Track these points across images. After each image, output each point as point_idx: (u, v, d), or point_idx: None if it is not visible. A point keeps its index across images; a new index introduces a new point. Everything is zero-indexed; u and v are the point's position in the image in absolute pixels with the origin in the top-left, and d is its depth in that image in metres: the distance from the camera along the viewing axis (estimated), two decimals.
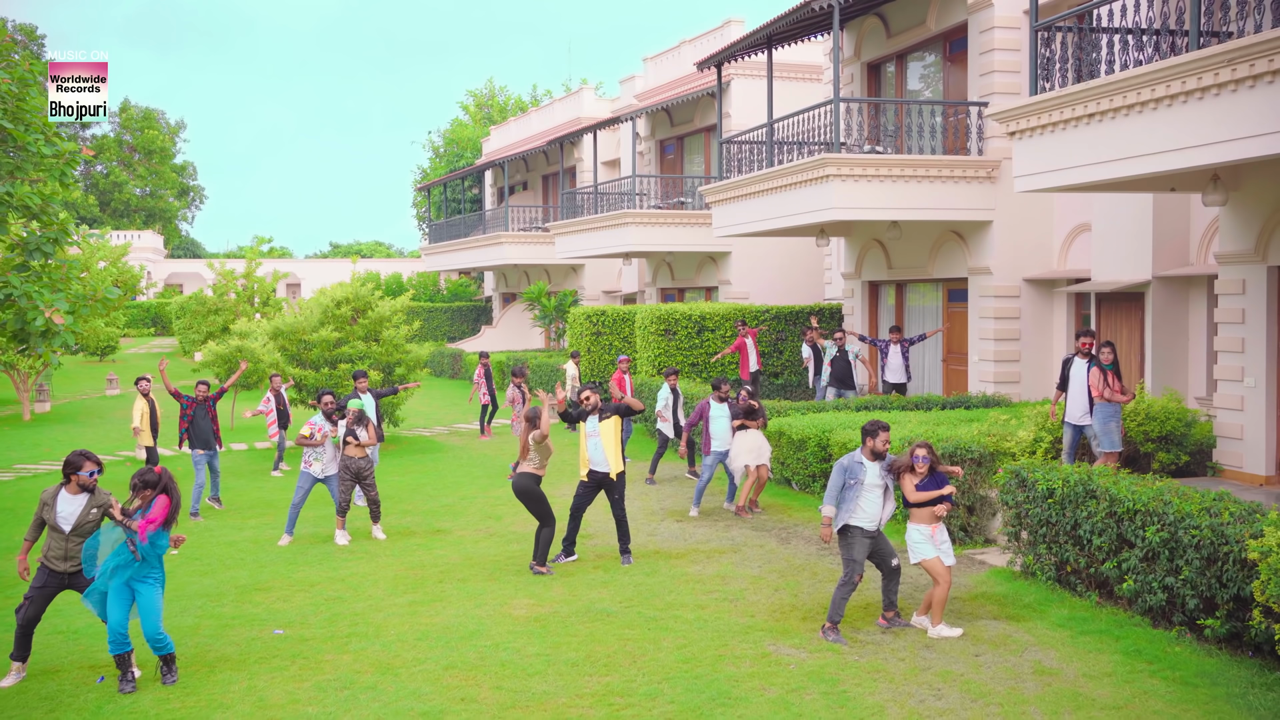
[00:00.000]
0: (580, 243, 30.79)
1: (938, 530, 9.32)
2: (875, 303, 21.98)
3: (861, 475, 9.30)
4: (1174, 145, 10.71)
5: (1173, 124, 10.68)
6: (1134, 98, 10.98)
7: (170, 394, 15.40)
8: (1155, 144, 10.95)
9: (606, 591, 10.80)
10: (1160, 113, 10.77)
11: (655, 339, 22.33)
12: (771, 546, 12.60)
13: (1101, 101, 11.46)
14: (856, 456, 9.42)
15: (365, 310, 20.73)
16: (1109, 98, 11.34)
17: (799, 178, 18.31)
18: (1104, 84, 11.34)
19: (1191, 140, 10.50)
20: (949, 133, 18.35)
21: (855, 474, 9.33)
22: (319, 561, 12.33)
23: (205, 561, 12.35)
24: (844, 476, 9.36)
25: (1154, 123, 10.91)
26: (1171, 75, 10.44)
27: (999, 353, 18.05)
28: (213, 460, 15.28)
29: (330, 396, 13.54)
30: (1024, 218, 18.03)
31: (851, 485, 9.34)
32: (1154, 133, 10.93)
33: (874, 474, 9.36)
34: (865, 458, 9.38)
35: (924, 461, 9.25)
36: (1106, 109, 11.43)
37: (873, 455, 9.37)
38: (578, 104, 39.25)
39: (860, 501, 9.32)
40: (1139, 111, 11.04)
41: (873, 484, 9.34)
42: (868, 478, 9.32)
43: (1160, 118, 10.82)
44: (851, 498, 9.33)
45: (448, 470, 18.70)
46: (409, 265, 62.27)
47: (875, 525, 9.37)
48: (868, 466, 9.36)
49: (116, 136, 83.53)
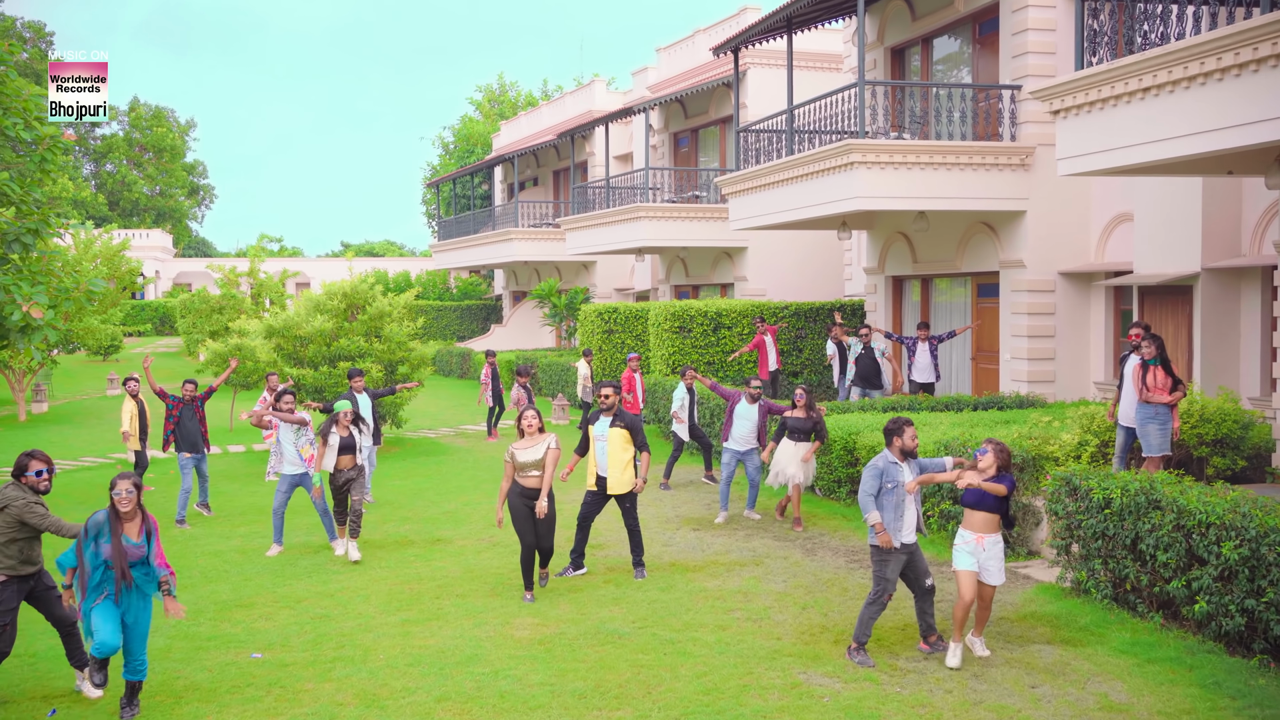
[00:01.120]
0: (591, 238, 29.89)
1: (987, 542, 8.35)
2: (899, 299, 21.01)
3: (899, 476, 8.39)
4: (1238, 120, 9.76)
5: (1237, 97, 9.72)
6: (1195, 68, 10.02)
7: (155, 394, 14.55)
8: (1217, 120, 9.99)
9: (618, 610, 9.89)
10: (1226, 84, 9.81)
11: (669, 337, 21.41)
12: (796, 558, 11.67)
13: (1158, 74, 10.49)
14: (889, 456, 8.51)
15: (364, 306, 19.84)
16: (1166, 69, 10.37)
17: (821, 166, 17.37)
18: (1160, 54, 10.38)
19: (1258, 114, 9.54)
20: (980, 118, 17.38)
21: (892, 475, 8.41)
22: (309, 574, 11.44)
23: (186, 574, 11.46)
24: (879, 479, 8.45)
25: (1216, 96, 9.95)
26: (1238, 42, 9.48)
27: (1033, 350, 17.07)
28: (201, 464, 14.41)
29: (290, 396, 12.65)
30: (1059, 207, 17.05)
31: (889, 489, 8.42)
32: (1216, 107, 9.97)
33: (909, 475, 8.45)
34: (895, 459, 8.47)
35: (997, 454, 8.32)
36: (1164, 81, 10.46)
37: (902, 455, 8.46)
38: (589, 97, 38.34)
39: (902, 508, 8.40)
40: (1201, 84, 10.08)
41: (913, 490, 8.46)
42: (904, 479, 8.41)
43: (1224, 90, 9.86)
44: (890, 504, 8.41)
45: (451, 474, 17.81)
46: (419, 264, 61.50)
47: (912, 538, 8.45)
48: (903, 467, 8.44)
49: (126, 135, 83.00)
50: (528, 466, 10.15)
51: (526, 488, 10.17)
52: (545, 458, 10.11)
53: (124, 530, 7.56)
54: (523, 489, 10.17)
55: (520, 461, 10.17)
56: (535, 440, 10.17)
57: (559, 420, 24.03)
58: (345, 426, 12.16)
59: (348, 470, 12.14)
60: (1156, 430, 11.10)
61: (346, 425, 12.18)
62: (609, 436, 10.92)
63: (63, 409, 29.08)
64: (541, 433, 10.27)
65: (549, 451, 10.14)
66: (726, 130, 28.31)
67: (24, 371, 26.66)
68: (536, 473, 10.09)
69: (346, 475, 12.14)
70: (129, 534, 7.58)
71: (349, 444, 12.13)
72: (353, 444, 12.16)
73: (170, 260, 70.21)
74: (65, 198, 69.94)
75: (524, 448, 10.17)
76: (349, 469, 12.15)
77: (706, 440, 16.52)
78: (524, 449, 10.16)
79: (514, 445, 10.23)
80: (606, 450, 10.93)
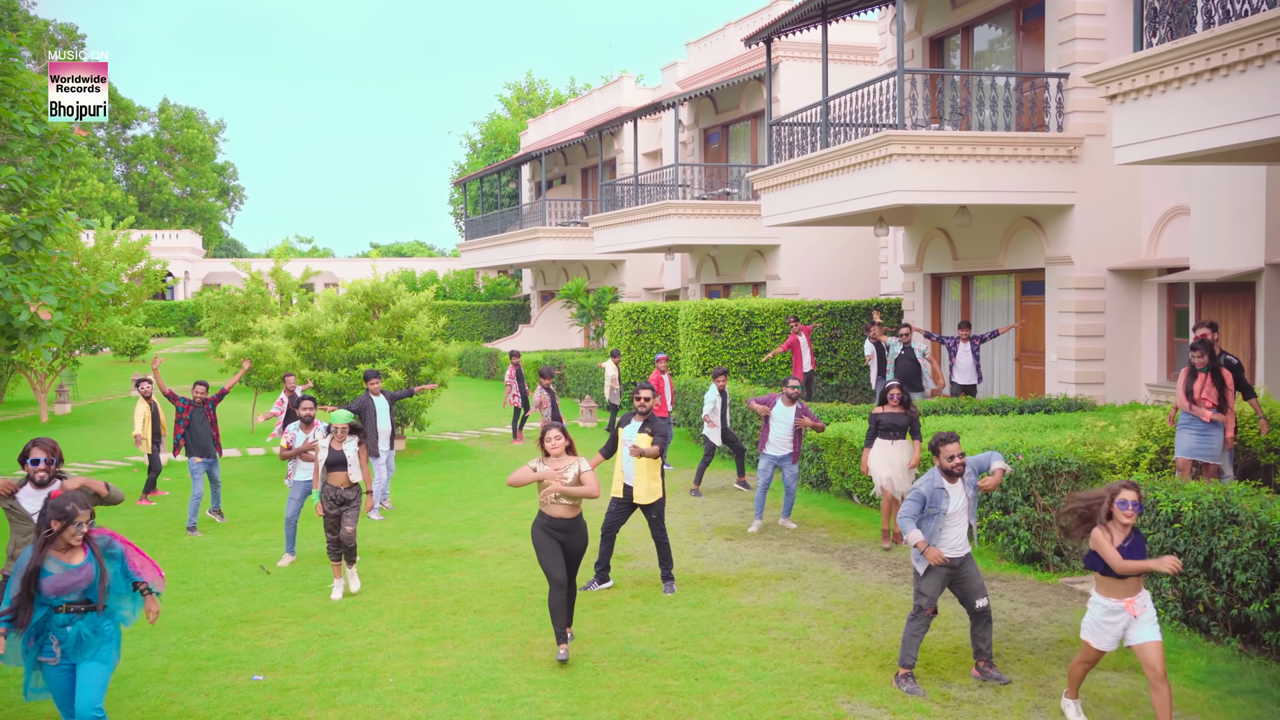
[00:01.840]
0: (619, 236, 29.26)
1: (1137, 604, 6.78)
2: (938, 297, 20.25)
3: (944, 504, 7.68)
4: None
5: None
6: (1271, 45, 9.26)
7: (165, 396, 14.03)
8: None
9: (646, 628, 9.24)
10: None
11: (700, 337, 20.74)
12: (836, 572, 10.98)
13: (1227, 52, 9.75)
14: (936, 481, 7.80)
15: (386, 305, 19.28)
16: (1237, 47, 9.63)
17: (858, 158, 16.66)
18: (1229, 31, 9.63)
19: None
20: (1025, 108, 16.61)
21: (937, 502, 7.70)
22: (320, 586, 10.85)
23: (192, 586, 10.91)
24: (921, 505, 7.76)
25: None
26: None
27: (1081, 351, 16.29)
28: (212, 469, 13.87)
29: (310, 401, 11.94)
30: (1109, 200, 16.26)
31: (932, 515, 7.73)
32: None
33: (958, 500, 7.74)
34: (943, 479, 7.76)
35: (1133, 509, 6.71)
36: (1233, 61, 9.71)
37: (948, 475, 7.75)
38: (618, 93, 37.72)
39: (943, 531, 7.71)
40: (1277, 62, 9.32)
41: (958, 512, 7.73)
42: (951, 505, 7.70)
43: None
44: (932, 529, 7.72)
45: (474, 479, 17.21)
46: (447, 264, 61.09)
47: (960, 552, 7.74)
48: (950, 492, 7.72)
49: (156, 136, 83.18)
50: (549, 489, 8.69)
51: (553, 518, 8.57)
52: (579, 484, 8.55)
53: (60, 554, 6.23)
54: (549, 520, 8.58)
55: (545, 481, 8.66)
56: (562, 463, 8.56)
57: (585, 423, 23.40)
58: (340, 439, 10.63)
59: (343, 489, 10.58)
60: (1191, 436, 10.36)
61: (342, 438, 10.64)
62: (637, 439, 10.27)
63: (86, 410, 28.73)
64: (570, 453, 8.65)
65: (583, 477, 8.54)
66: (758, 125, 27.60)
67: (45, 372, 26.31)
68: (566, 500, 8.54)
69: (342, 495, 10.57)
70: (67, 559, 6.25)
71: (341, 459, 10.56)
72: (344, 459, 10.57)
73: (199, 261, 70.13)
74: (96, 198, 70.26)
75: (549, 466, 8.64)
76: (344, 487, 10.59)
77: (739, 445, 15.85)
78: (549, 471, 8.62)
79: (538, 461, 8.64)
80: (634, 460, 10.31)
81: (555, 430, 8.62)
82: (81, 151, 73.30)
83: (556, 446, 8.57)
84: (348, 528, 10.47)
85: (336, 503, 10.55)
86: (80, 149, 73.36)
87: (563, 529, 8.56)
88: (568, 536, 8.59)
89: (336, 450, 10.57)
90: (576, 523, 8.63)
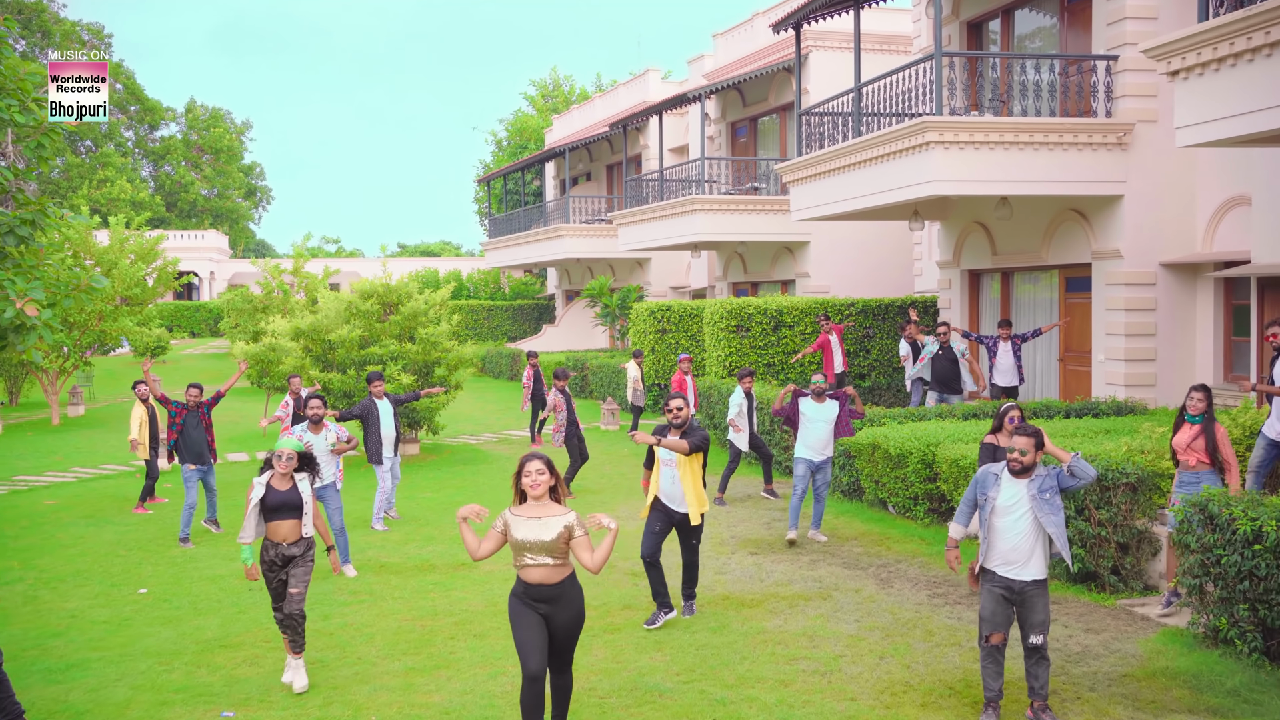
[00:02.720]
0: (644, 233, 28.38)
1: None
2: (976, 295, 19.26)
3: (991, 491, 6.81)
4: None
5: None
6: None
7: (157, 399, 13.30)
8: None
9: (661, 656, 8.38)
10: None
11: (726, 336, 19.85)
12: (870, 591, 10.08)
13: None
14: (998, 466, 6.98)
15: (398, 305, 18.50)
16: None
17: (893, 147, 15.72)
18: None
19: None
20: (1071, 93, 15.63)
21: (985, 487, 6.86)
22: (311, 605, 9.99)
23: (174, 604, 10.15)
24: (973, 490, 6.95)
25: None
26: None
27: (1130, 350, 15.29)
28: (208, 477, 13.12)
29: (318, 401, 11.15)
30: (1161, 190, 15.25)
31: (981, 504, 6.88)
32: None
33: (1011, 493, 6.82)
34: (1006, 471, 6.89)
35: None
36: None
37: (1010, 472, 6.89)
38: (643, 88, 36.87)
39: (991, 533, 6.82)
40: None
41: (1010, 506, 6.81)
42: (1001, 497, 6.81)
43: None
44: (983, 528, 6.86)
45: (488, 485, 16.40)
46: (472, 263, 60.45)
47: (1020, 572, 6.82)
48: (1003, 482, 6.83)
49: (184, 137, 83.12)
50: (530, 549, 6.18)
51: (531, 584, 6.24)
52: (562, 543, 6.19)
53: None
54: (527, 586, 6.25)
55: (517, 540, 6.19)
56: (544, 510, 6.24)
57: (607, 425, 22.55)
58: (287, 476, 7.96)
59: (287, 545, 7.89)
60: None
61: (289, 474, 7.96)
62: (680, 460, 9.07)
63: (100, 412, 28.15)
64: (554, 498, 6.33)
65: (567, 534, 6.19)
66: (787, 118, 26.67)
67: (57, 373, 25.75)
68: (548, 560, 6.17)
69: (285, 552, 7.89)
70: None
71: (291, 502, 7.91)
72: (298, 502, 7.94)
73: (225, 261, 69.81)
74: (123, 199, 70.15)
75: (525, 518, 6.22)
76: (290, 543, 7.90)
77: (766, 450, 14.96)
78: (525, 520, 6.22)
79: (510, 511, 6.31)
80: (678, 478, 9.11)
81: (537, 464, 6.26)
82: (110, 153, 73.32)
83: (538, 486, 6.22)
84: (293, 589, 7.81)
85: (279, 563, 7.91)
86: (109, 150, 73.56)
87: (545, 597, 6.24)
88: (552, 608, 6.25)
89: (279, 491, 7.90)
90: (564, 588, 6.27)
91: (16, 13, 71.78)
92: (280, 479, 7.95)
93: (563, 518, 6.22)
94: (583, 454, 15.40)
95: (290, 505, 7.92)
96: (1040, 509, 6.79)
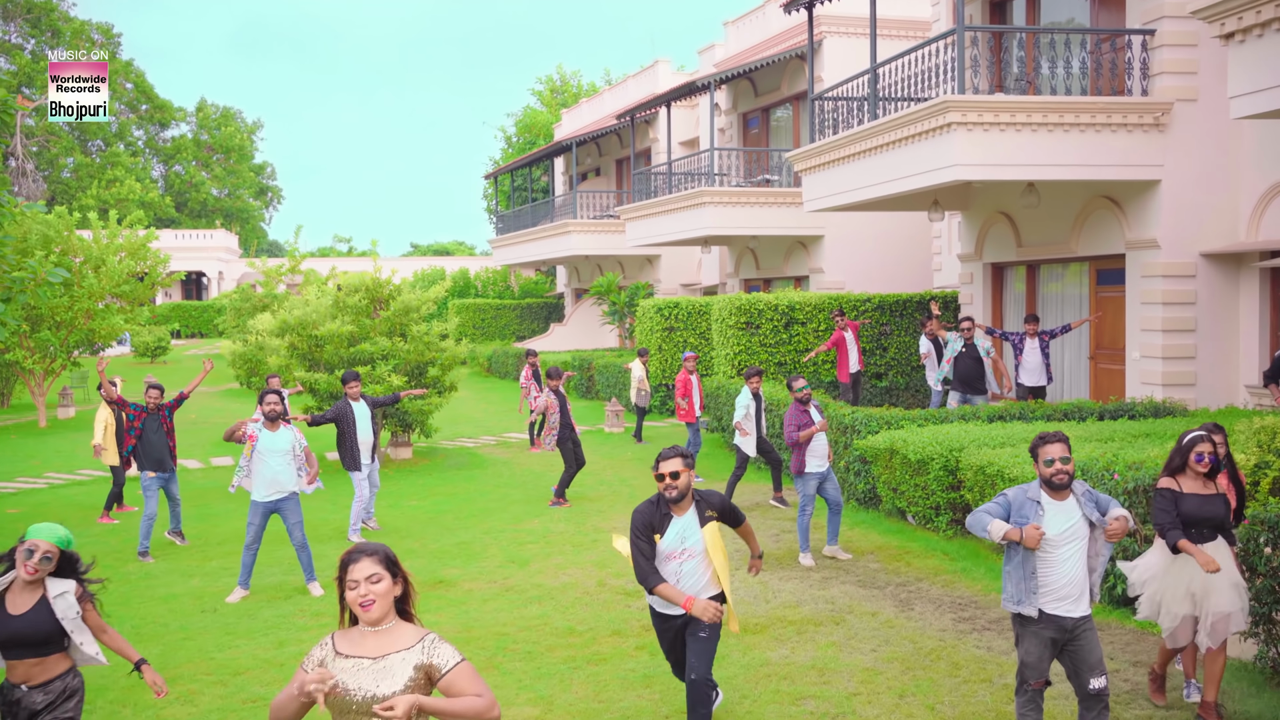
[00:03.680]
0: (652, 228, 27.34)
1: None
2: (999, 289, 18.16)
3: (1034, 518, 5.74)
4: None
5: None
6: None
7: (113, 402, 12.36)
8: None
9: (649, 694, 7.36)
10: None
11: (734, 333, 18.80)
12: (888, 615, 9.03)
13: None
14: (1032, 489, 5.87)
15: (388, 301, 17.51)
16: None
17: (911, 130, 14.67)
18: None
19: None
20: (1104, 71, 14.54)
21: (1025, 514, 5.77)
22: (267, 630, 9.08)
23: (115, 626, 9.15)
24: (1006, 511, 5.85)
25: None
26: None
27: (1169, 348, 14.19)
28: (169, 485, 12.13)
29: (275, 396, 10.17)
30: (1202, 174, 14.15)
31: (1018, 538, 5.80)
32: None
33: (1061, 521, 5.76)
34: (1044, 493, 5.83)
35: None
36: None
37: (1048, 486, 5.80)
38: (653, 80, 35.82)
39: (1041, 567, 5.76)
40: None
41: (1063, 537, 5.75)
42: (1051, 527, 5.75)
43: None
44: (1017, 555, 5.80)
45: (480, 492, 15.41)
46: (480, 262, 59.54)
47: (1074, 608, 5.77)
48: (1047, 509, 5.77)
49: (195, 136, 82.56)
50: (360, 713, 3.71)
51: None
52: (415, 698, 3.64)
53: None
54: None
55: (340, 699, 3.72)
56: (383, 638, 3.84)
57: (611, 427, 21.53)
58: (36, 584, 5.10)
59: (31, 689, 5.08)
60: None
61: (35, 580, 5.09)
62: (707, 539, 6.14)
63: (91, 414, 27.26)
64: (405, 614, 3.98)
65: (424, 679, 3.78)
66: (801, 109, 25.59)
67: (44, 374, 24.87)
68: None
69: (30, 701, 5.07)
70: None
71: (34, 631, 5.05)
72: (47, 631, 5.07)
73: (234, 261, 69.08)
74: (132, 199, 69.54)
75: (354, 655, 3.81)
76: (34, 685, 5.09)
77: (776, 456, 13.91)
78: (354, 659, 3.80)
79: (335, 638, 3.88)
80: (700, 567, 6.17)
81: (367, 565, 3.84)
82: (119, 152, 72.68)
83: (370, 606, 3.79)
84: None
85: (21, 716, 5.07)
86: (118, 149, 73.01)
87: None
88: None
89: (16, 617, 5.04)
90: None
91: (25, 12, 71.44)
92: (21, 591, 5.07)
93: (416, 651, 3.79)
94: (578, 459, 14.38)
95: (34, 638, 5.02)
96: (1096, 539, 5.77)
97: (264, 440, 9.97)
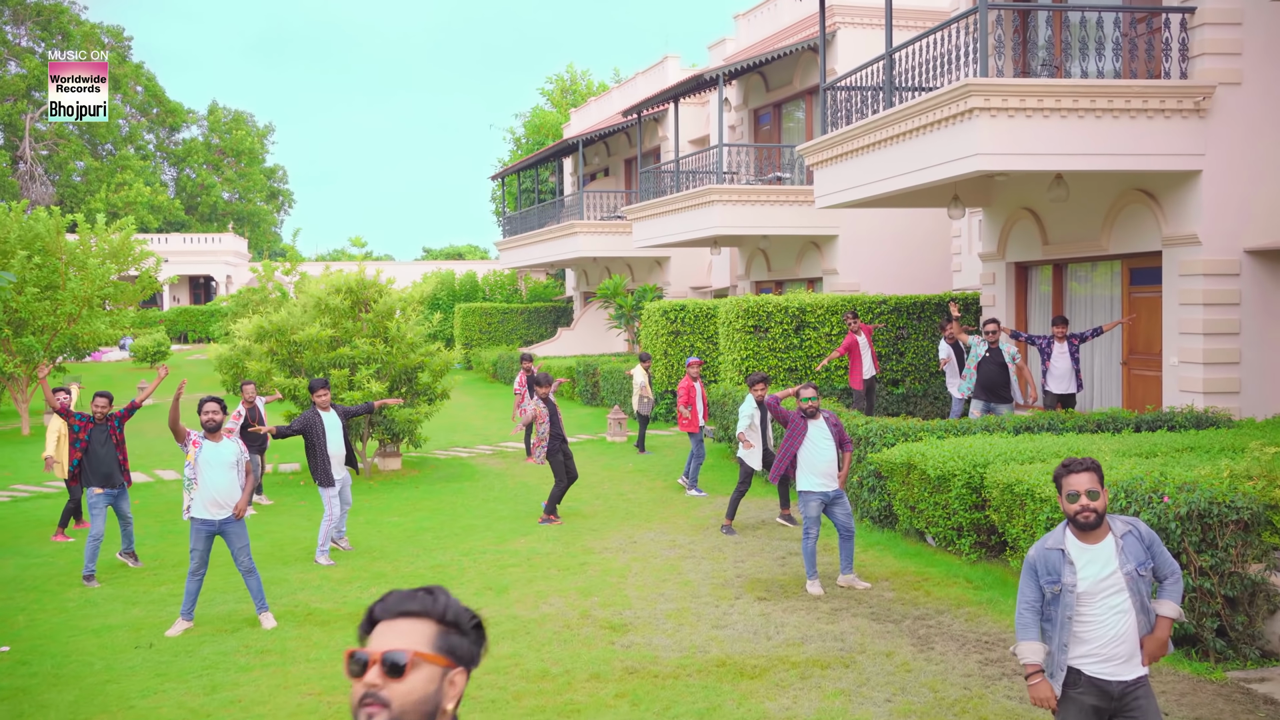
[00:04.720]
0: (660, 228, 26.29)
1: None
2: (1024, 290, 17.04)
3: (1067, 575, 4.66)
4: None
5: None
6: None
7: (56, 411, 11.39)
8: None
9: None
10: None
11: (742, 338, 17.72)
12: (904, 656, 7.94)
13: None
14: (1053, 538, 4.79)
15: (372, 302, 16.50)
16: None
17: (931, 118, 13.59)
18: None
19: None
20: (1140, 52, 13.43)
21: (1053, 570, 4.69)
22: (202, 670, 8.05)
23: (32, 669, 8.15)
24: (1035, 580, 4.78)
25: None
26: None
27: (1210, 353, 13.05)
28: (119, 502, 11.12)
29: (215, 404, 9.13)
30: (1247, 164, 13.02)
31: (1053, 595, 4.72)
32: None
33: (1097, 567, 4.70)
34: (1072, 535, 4.75)
35: None
36: None
37: (1077, 528, 4.72)
38: (662, 77, 34.77)
39: (1074, 624, 4.69)
40: None
41: (1100, 586, 4.68)
42: (1083, 576, 4.67)
43: None
44: (1059, 616, 4.71)
45: (467, 506, 14.38)
46: (488, 265, 58.62)
47: (1122, 670, 4.69)
48: (1076, 555, 4.69)
49: (205, 140, 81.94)
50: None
51: None
52: None
53: None
54: None
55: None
56: None
57: (614, 437, 20.46)
58: None
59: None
60: None
61: None
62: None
63: None
64: None
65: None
66: (813, 103, 24.52)
67: (28, 380, 23.98)
68: None
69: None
70: None
71: None
72: None
73: (244, 265, 68.30)
74: (141, 202, 68.87)
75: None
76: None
77: None
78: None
79: None
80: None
81: None
82: (128, 156, 72.05)
83: None
84: None
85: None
86: (128, 153, 72.36)
87: None
88: None
89: None
90: None
91: (35, 15, 70.94)
92: None
93: None
94: (570, 472, 13.31)
95: None
96: (1140, 588, 4.69)
97: (206, 451, 8.95)
